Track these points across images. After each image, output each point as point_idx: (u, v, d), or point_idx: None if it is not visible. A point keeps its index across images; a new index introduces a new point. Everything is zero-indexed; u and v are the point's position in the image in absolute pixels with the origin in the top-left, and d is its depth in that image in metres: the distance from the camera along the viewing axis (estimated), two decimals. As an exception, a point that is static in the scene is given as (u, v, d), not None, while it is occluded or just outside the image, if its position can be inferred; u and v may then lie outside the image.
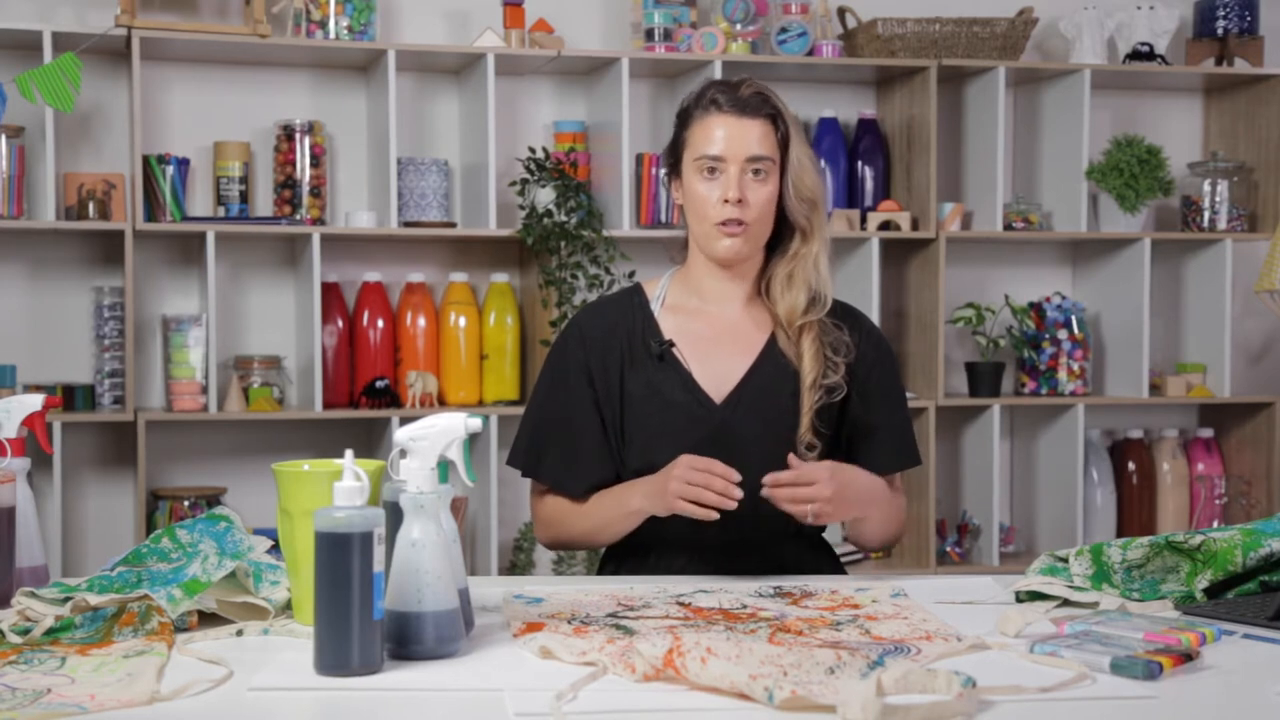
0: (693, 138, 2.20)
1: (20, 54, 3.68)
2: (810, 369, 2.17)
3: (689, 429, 2.16)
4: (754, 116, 2.17)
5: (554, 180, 3.96)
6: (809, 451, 2.14)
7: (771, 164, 2.17)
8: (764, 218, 2.18)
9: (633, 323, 2.25)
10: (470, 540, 3.99)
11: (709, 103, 2.20)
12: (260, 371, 3.89)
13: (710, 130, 2.18)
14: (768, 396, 2.17)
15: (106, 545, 3.84)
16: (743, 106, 2.18)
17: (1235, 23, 4.38)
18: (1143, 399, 4.28)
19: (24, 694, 1.38)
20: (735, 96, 2.19)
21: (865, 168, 4.25)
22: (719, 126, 2.18)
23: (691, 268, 2.27)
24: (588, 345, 2.24)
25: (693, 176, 2.19)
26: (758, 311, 2.24)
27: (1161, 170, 4.30)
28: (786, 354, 2.20)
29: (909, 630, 1.68)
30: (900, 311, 4.30)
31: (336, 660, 1.44)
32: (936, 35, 4.14)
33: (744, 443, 2.14)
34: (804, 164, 2.20)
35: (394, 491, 1.59)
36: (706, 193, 2.17)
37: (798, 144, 2.20)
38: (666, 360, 2.20)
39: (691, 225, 2.22)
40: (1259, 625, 1.67)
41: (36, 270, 3.88)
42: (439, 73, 4.11)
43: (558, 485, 2.26)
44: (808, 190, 2.20)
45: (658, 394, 2.19)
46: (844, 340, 2.21)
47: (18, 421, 1.89)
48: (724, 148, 2.16)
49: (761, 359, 2.20)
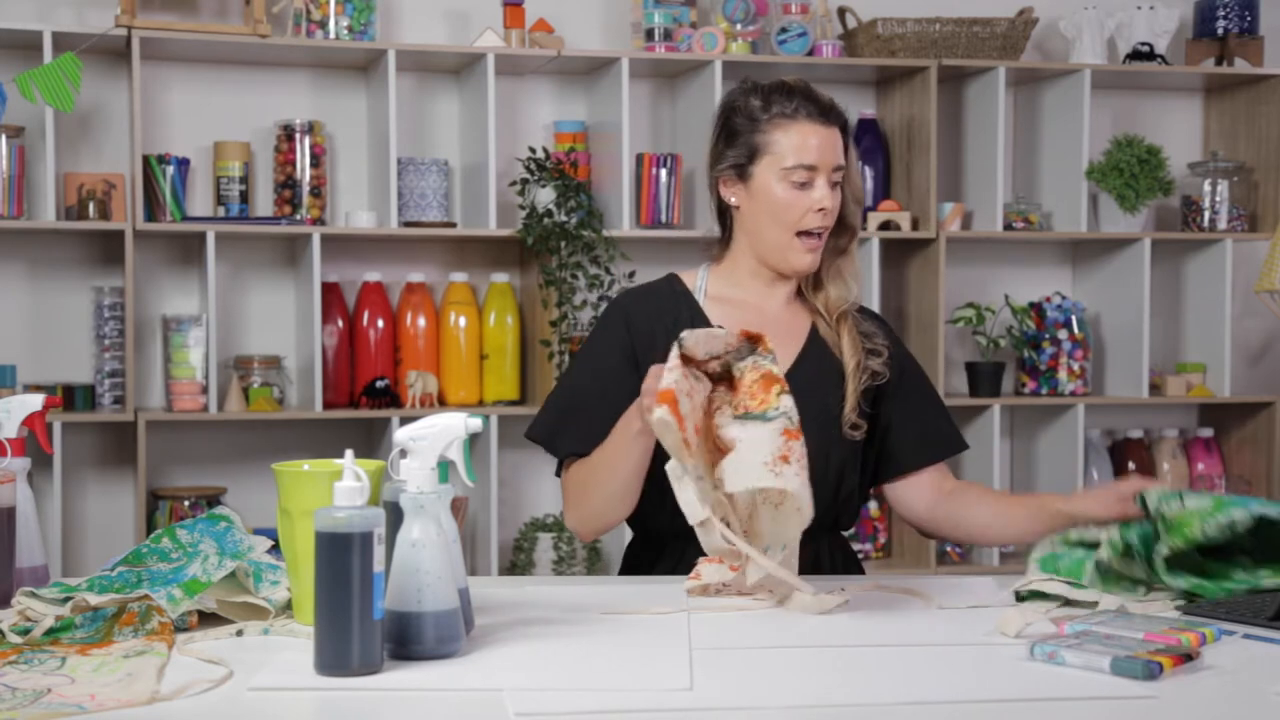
0: (779, 144, 2.15)
1: (20, 54, 3.68)
2: (851, 355, 2.18)
3: None
4: (835, 124, 2.17)
5: (554, 180, 3.96)
6: (853, 432, 2.15)
7: (844, 172, 2.19)
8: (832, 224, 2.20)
9: (679, 310, 2.22)
10: (470, 540, 3.99)
11: (795, 110, 2.15)
12: (260, 371, 3.89)
13: (804, 138, 2.14)
14: (817, 383, 2.17)
15: (106, 545, 3.84)
16: (828, 114, 2.17)
17: (1235, 23, 4.38)
18: (1143, 399, 4.28)
19: (24, 694, 1.38)
20: (821, 104, 2.17)
21: (865, 168, 4.25)
22: (812, 135, 2.15)
23: (736, 266, 2.24)
24: (633, 329, 2.20)
25: (775, 183, 2.15)
26: (796, 305, 2.25)
27: (1161, 170, 4.30)
28: (828, 342, 2.21)
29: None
30: (900, 311, 4.30)
31: (336, 660, 1.44)
32: (936, 35, 4.14)
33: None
34: (855, 168, 2.23)
35: (394, 491, 1.59)
36: (793, 201, 2.15)
37: (851, 148, 2.22)
38: None
39: (763, 232, 2.18)
40: (1259, 625, 1.67)
41: (36, 270, 3.88)
42: (439, 73, 4.11)
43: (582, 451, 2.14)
44: (859, 192, 2.24)
45: None
46: (875, 333, 2.24)
47: (18, 421, 1.89)
48: (818, 157, 2.14)
49: (809, 346, 2.21)
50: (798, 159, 2.14)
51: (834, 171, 2.16)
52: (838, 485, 2.17)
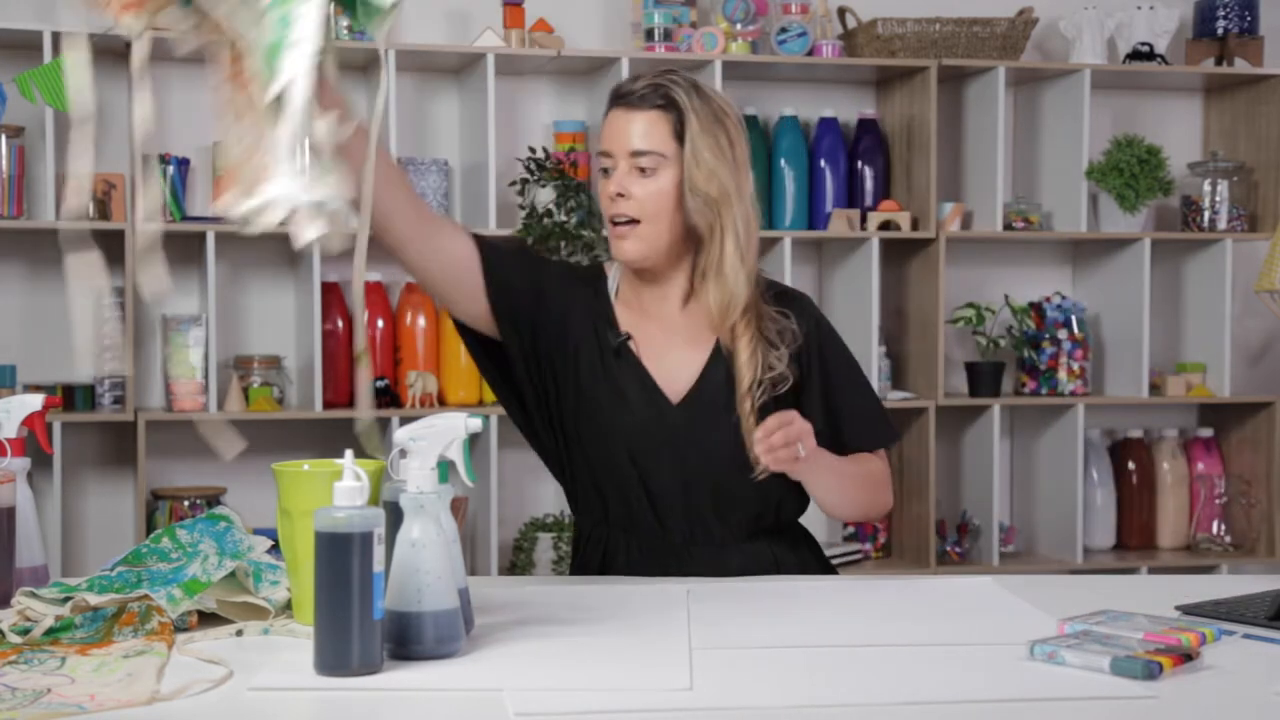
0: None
1: (20, 54, 3.68)
2: (746, 372, 2.07)
3: (645, 429, 2.09)
4: (642, 109, 2.05)
5: (554, 180, 3.96)
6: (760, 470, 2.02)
7: (661, 158, 2.04)
8: (657, 215, 2.05)
9: (597, 309, 2.15)
10: (470, 540, 3.99)
11: (611, 97, 2.10)
12: (260, 371, 3.89)
13: (608, 125, 2.09)
14: (723, 397, 2.09)
15: (106, 545, 3.84)
16: (631, 99, 2.06)
17: (1235, 23, 4.38)
18: (1143, 399, 4.28)
19: (24, 694, 1.38)
20: (629, 89, 2.07)
21: (865, 168, 4.25)
22: (611, 121, 2.08)
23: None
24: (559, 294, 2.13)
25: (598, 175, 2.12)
26: (703, 310, 2.12)
27: (1161, 170, 4.30)
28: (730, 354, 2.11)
29: None
30: (900, 311, 4.30)
31: (336, 660, 1.44)
32: (936, 35, 4.14)
33: (702, 444, 2.09)
34: (703, 158, 2.04)
35: (394, 491, 1.59)
36: (601, 189, 2.09)
37: (700, 136, 2.03)
38: (623, 355, 2.12)
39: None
40: (1259, 625, 1.67)
41: (36, 270, 3.88)
42: (439, 73, 4.11)
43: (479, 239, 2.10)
44: (703, 186, 2.03)
45: (614, 388, 2.10)
46: (789, 328, 2.12)
47: (18, 421, 1.89)
48: (610, 141, 2.07)
49: (714, 358, 2.12)
50: (600, 145, 2.10)
51: (632, 156, 2.04)
52: (763, 493, 2.09)
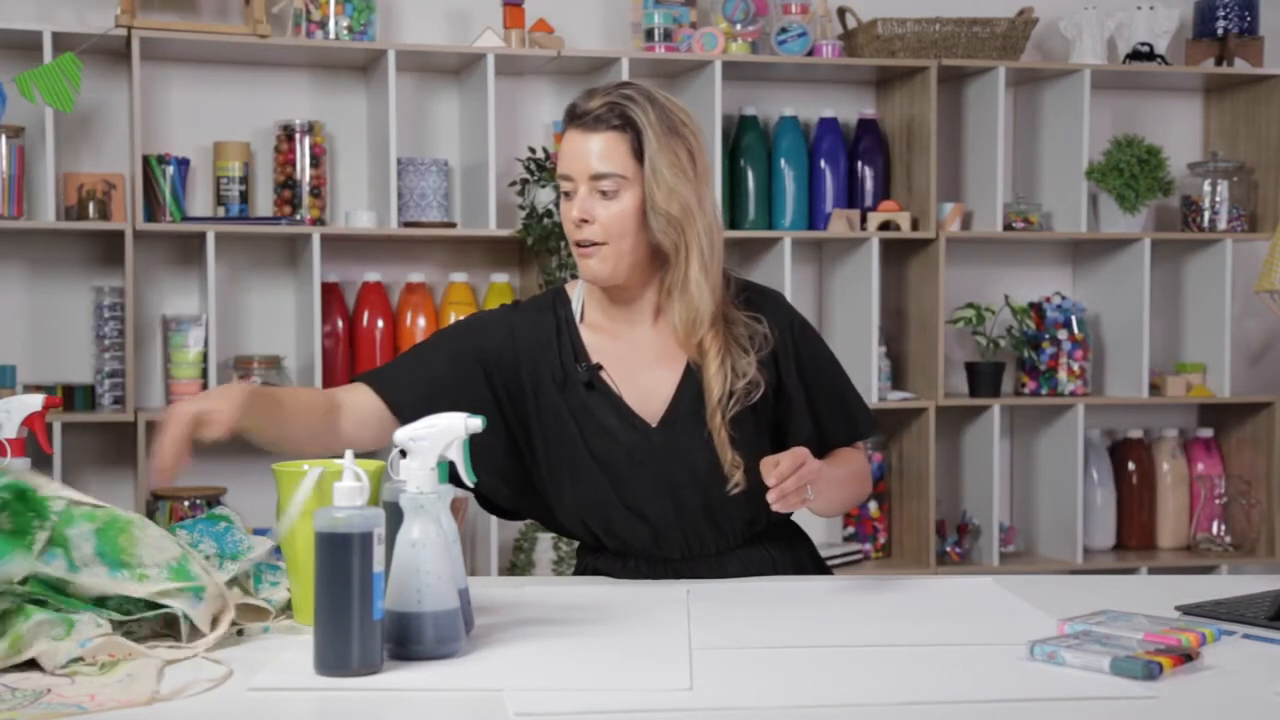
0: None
1: (20, 54, 3.68)
2: (715, 386, 2.04)
3: (626, 455, 2.07)
4: (598, 130, 2.02)
5: (554, 180, 3.96)
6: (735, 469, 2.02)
7: (623, 180, 2.01)
8: (621, 236, 2.02)
9: (562, 339, 2.12)
10: (470, 540, 3.99)
11: (566, 116, 2.07)
12: (260, 371, 3.89)
13: (565, 147, 2.05)
14: (701, 411, 2.06)
15: (106, 545, 3.83)
16: (587, 120, 2.03)
17: (1235, 23, 4.38)
18: (1143, 399, 4.28)
19: (24, 694, 1.38)
20: (584, 109, 2.04)
21: (865, 168, 4.25)
22: (568, 142, 2.05)
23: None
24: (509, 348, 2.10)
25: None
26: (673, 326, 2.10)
27: (1161, 170, 4.30)
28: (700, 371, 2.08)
29: None
30: (900, 311, 4.30)
31: (336, 660, 1.44)
32: (936, 35, 4.14)
33: (684, 464, 2.07)
34: (662, 176, 2.01)
35: (394, 491, 1.59)
36: (564, 212, 2.06)
37: (660, 154, 2.01)
38: (596, 386, 2.09)
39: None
40: (1259, 625, 1.68)
41: (36, 270, 3.88)
42: (439, 73, 4.11)
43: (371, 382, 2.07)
44: (664, 205, 2.01)
45: (590, 419, 2.08)
46: (760, 332, 2.09)
47: (18, 421, 1.89)
48: (569, 165, 2.04)
49: (688, 373, 2.09)
50: (559, 169, 2.07)
51: (593, 180, 2.02)
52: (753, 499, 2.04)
